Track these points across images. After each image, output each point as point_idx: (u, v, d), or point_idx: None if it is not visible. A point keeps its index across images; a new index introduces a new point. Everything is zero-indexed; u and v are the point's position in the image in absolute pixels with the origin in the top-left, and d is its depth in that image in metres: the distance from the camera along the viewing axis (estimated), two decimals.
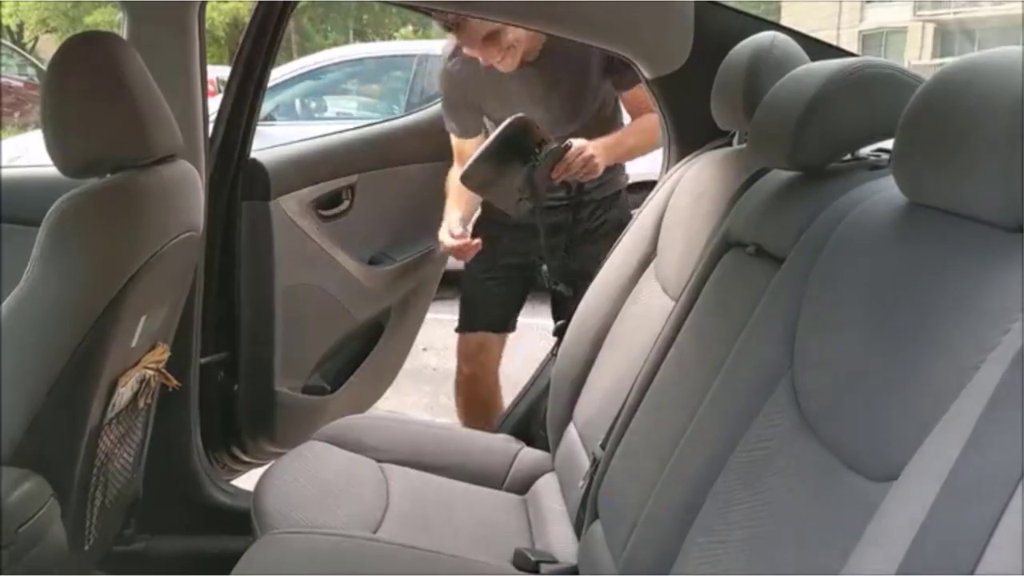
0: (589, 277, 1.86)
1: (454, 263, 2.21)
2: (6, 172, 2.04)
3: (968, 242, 0.78)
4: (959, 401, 0.68)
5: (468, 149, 2.11)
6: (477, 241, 2.09)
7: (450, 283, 2.47)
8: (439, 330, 2.02)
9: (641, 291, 1.70)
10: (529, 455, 1.83)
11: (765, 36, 1.48)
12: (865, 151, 1.21)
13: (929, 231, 0.83)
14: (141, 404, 1.61)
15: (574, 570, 1.40)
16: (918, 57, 22.14)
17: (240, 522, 1.61)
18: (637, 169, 2.29)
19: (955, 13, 22.56)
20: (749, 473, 0.96)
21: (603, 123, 2.13)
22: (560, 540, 1.55)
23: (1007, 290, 0.71)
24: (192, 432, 2.00)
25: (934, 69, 0.88)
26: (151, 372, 1.58)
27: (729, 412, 1.03)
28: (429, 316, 1.81)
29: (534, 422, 1.92)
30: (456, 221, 2.12)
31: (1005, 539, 0.57)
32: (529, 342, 2.59)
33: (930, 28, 23.57)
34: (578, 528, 1.46)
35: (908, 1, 23.47)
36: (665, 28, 1.71)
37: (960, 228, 0.79)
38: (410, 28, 16.36)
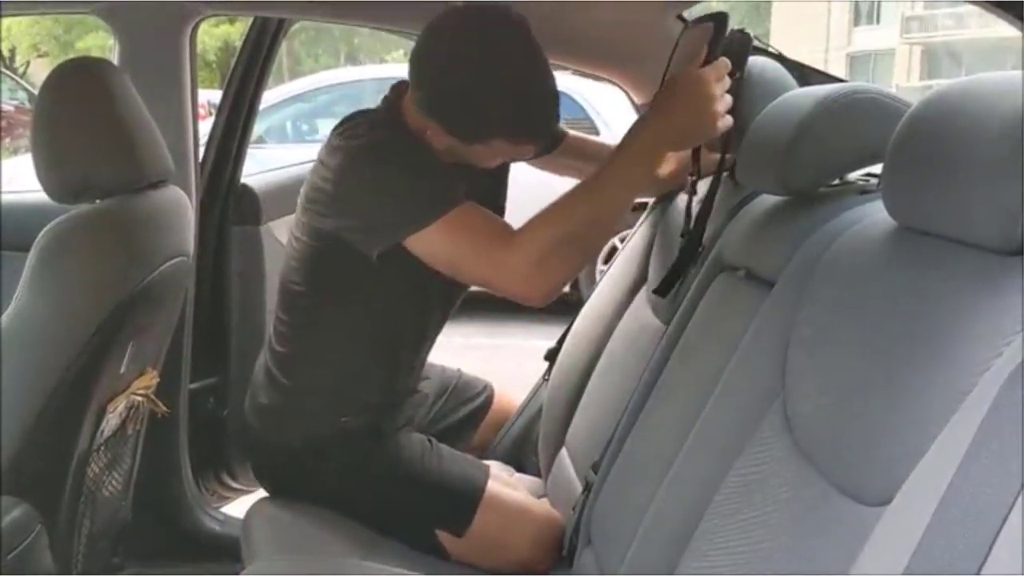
0: None
1: None
2: None
3: (958, 265, 0.78)
4: (952, 424, 0.68)
5: None
6: None
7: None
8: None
9: (632, 315, 1.70)
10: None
11: (754, 62, 1.49)
12: (854, 175, 1.22)
13: (919, 255, 0.84)
14: (130, 430, 1.60)
15: None
16: (906, 79, 22.35)
17: (230, 550, 1.60)
18: None
19: (942, 36, 22.79)
20: (742, 498, 0.95)
21: None
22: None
23: (999, 312, 0.71)
24: (181, 459, 1.99)
25: (922, 91, 0.89)
26: (140, 398, 1.57)
27: (721, 437, 1.03)
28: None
29: (526, 447, 1.91)
30: None
31: (1002, 559, 0.57)
32: (520, 364, 2.59)
33: (917, 51, 23.81)
34: (571, 554, 1.45)
35: (895, 24, 23.72)
36: (654, 55, 1.72)
37: (950, 251, 0.79)
38: (401, 52, 16.45)
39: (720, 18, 1.35)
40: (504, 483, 1.62)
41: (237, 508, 2.04)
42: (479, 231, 1.36)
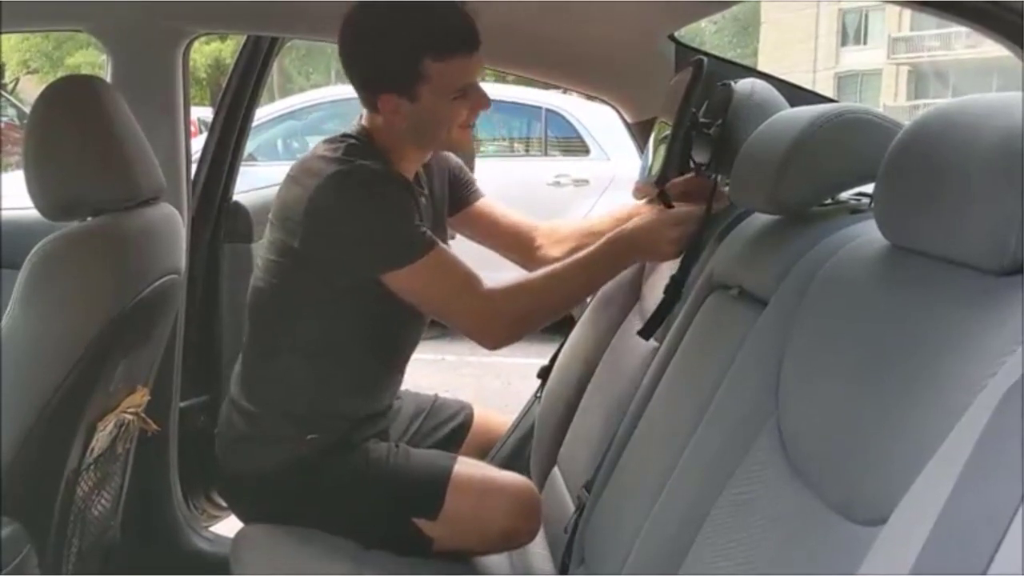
0: None
1: None
2: None
3: (951, 284, 0.78)
4: (947, 443, 0.68)
5: None
6: None
7: None
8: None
9: (625, 333, 1.70)
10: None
11: (745, 82, 1.50)
12: (845, 195, 1.22)
13: (912, 274, 0.84)
14: (120, 449, 1.59)
15: None
16: (893, 99, 22.51)
17: (219, 569, 1.59)
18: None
19: (928, 56, 22.99)
20: (735, 518, 0.95)
21: None
22: None
23: (992, 331, 0.71)
24: (171, 477, 1.98)
25: (909, 111, 0.89)
26: (130, 416, 1.56)
27: (714, 456, 1.03)
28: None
29: (518, 465, 1.91)
30: None
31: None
32: (511, 383, 2.59)
33: (904, 71, 24.00)
34: (563, 573, 1.44)
35: (882, 45, 23.92)
36: (646, 74, 1.74)
37: (942, 271, 0.79)
38: None
39: (697, 64, 1.48)
40: (471, 464, 1.63)
41: (227, 527, 2.03)
42: (451, 276, 1.49)
